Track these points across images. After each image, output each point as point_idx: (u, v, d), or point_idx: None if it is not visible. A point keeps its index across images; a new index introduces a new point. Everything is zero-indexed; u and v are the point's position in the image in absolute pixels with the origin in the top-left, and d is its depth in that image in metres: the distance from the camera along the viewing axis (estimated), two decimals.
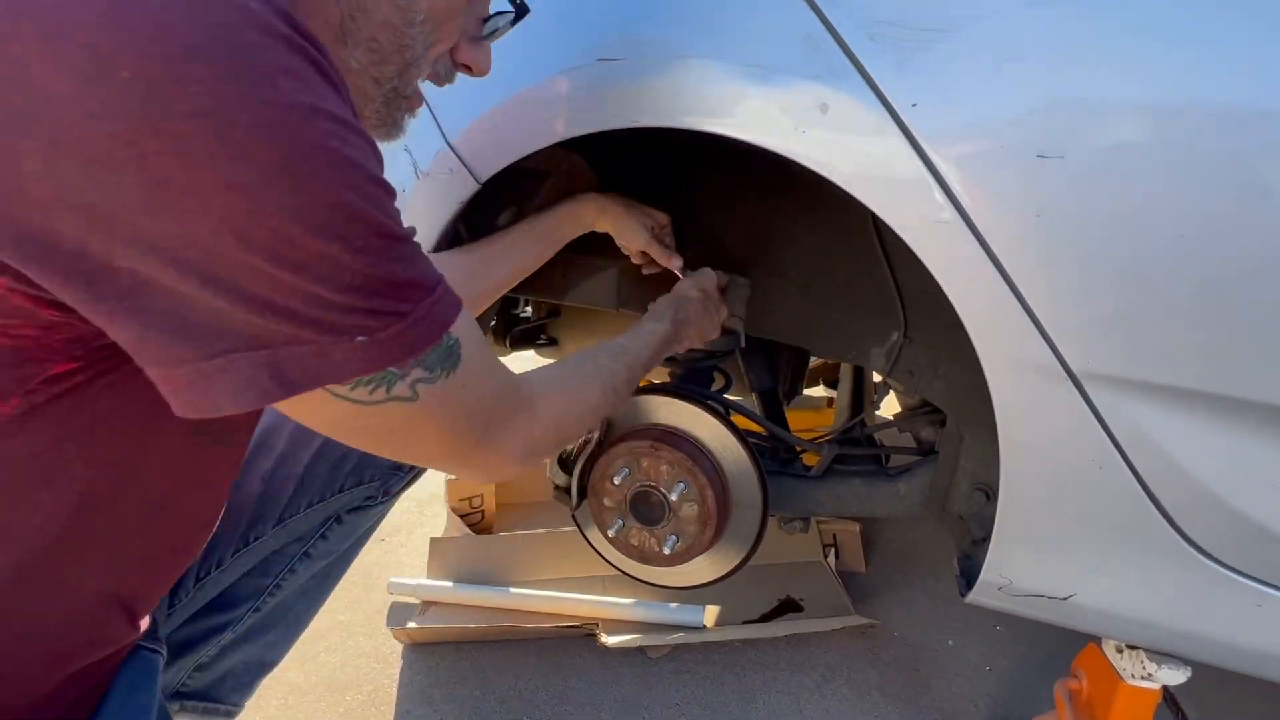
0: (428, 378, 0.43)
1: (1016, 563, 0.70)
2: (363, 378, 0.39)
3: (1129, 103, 0.54)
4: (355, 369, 0.38)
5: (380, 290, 0.37)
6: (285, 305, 0.34)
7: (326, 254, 0.34)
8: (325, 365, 0.37)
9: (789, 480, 0.98)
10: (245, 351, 0.35)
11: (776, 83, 0.60)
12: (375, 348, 0.38)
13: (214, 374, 0.35)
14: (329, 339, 0.36)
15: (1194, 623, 0.66)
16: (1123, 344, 0.58)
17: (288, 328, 0.35)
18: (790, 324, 0.97)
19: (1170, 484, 0.61)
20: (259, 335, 0.35)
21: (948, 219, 0.58)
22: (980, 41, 0.56)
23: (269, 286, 0.34)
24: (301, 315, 0.35)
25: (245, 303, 0.34)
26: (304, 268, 0.34)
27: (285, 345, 0.35)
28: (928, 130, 0.57)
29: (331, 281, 0.35)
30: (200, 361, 0.35)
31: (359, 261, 0.36)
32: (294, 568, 0.82)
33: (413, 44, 0.48)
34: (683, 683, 1.18)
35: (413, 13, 0.47)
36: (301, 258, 0.34)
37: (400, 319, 0.39)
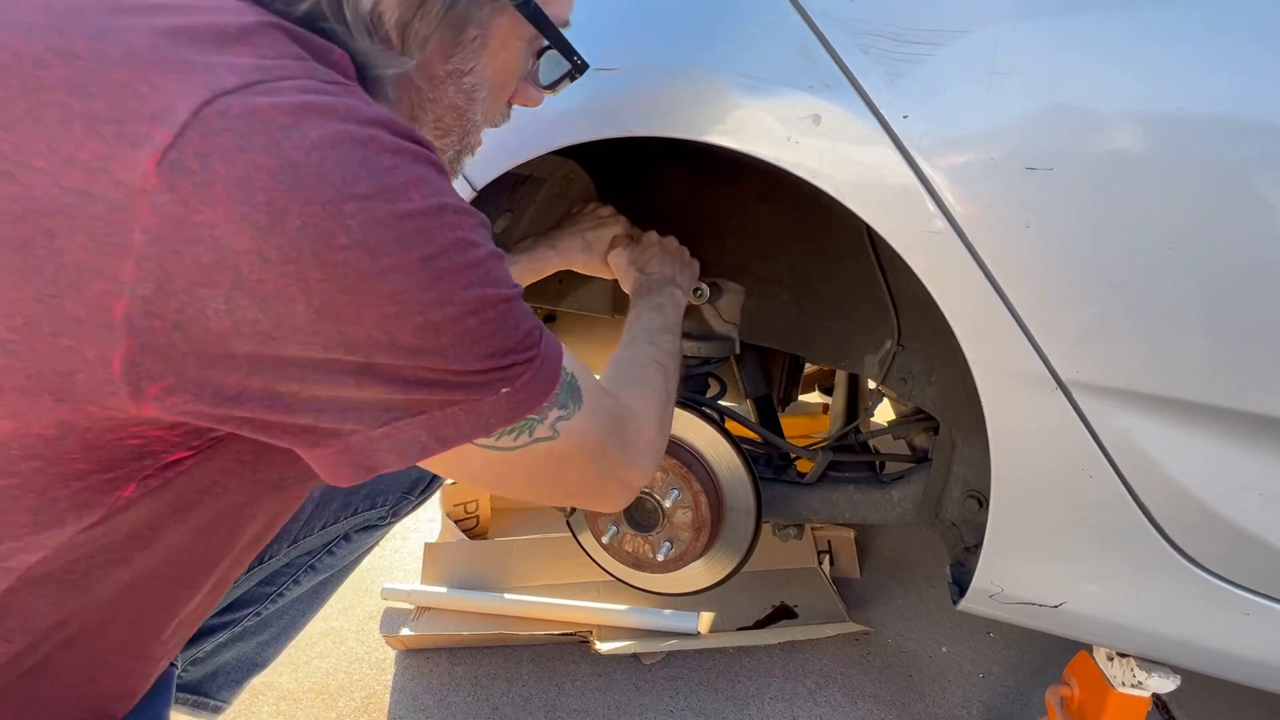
0: (564, 415, 0.47)
1: (1008, 570, 0.71)
2: (507, 429, 0.43)
3: (1117, 116, 0.54)
4: (502, 419, 0.42)
5: (511, 348, 0.42)
6: (438, 380, 0.39)
7: (466, 333, 0.39)
8: (477, 419, 0.42)
9: (783, 487, 0.98)
10: (407, 419, 0.40)
11: (769, 93, 0.61)
12: (517, 395, 0.43)
13: (380, 440, 0.40)
14: (477, 397, 0.41)
15: (1183, 630, 0.66)
16: (1111, 353, 0.58)
17: (442, 395, 0.40)
18: (784, 330, 0.98)
19: (1158, 492, 0.61)
20: (418, 404, 0.39)
21: (939, 229, 0.59)
22: (971, 55, 0.56)
23: (422, 369, 0.38)
24: (452, 384, 0.40)
25: (403, 384, 0.38)
26: (449, 349, 0.38)
27: (441, 409, 0.40)
28: (919, 142, 0.58)
29: (473, 354, 0.40)
30: (370, 430, 0.39)
31: (492, 331, 0.40)
32: (298, 579, 0.84)
33: (474, 115, 0.51)
34: (676, 689, 1.17)
35: (476, 91, 0.50)
36: (446, 342, 0.38)
37: (529, 365, 0.43)
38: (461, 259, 0.38)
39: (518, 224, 0.98)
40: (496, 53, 0.49)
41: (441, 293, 0.37)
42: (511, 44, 0.50)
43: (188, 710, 0.80)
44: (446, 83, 0.48)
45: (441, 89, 0.48)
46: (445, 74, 0.47)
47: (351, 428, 0.39)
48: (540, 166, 0.92)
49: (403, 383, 0.38)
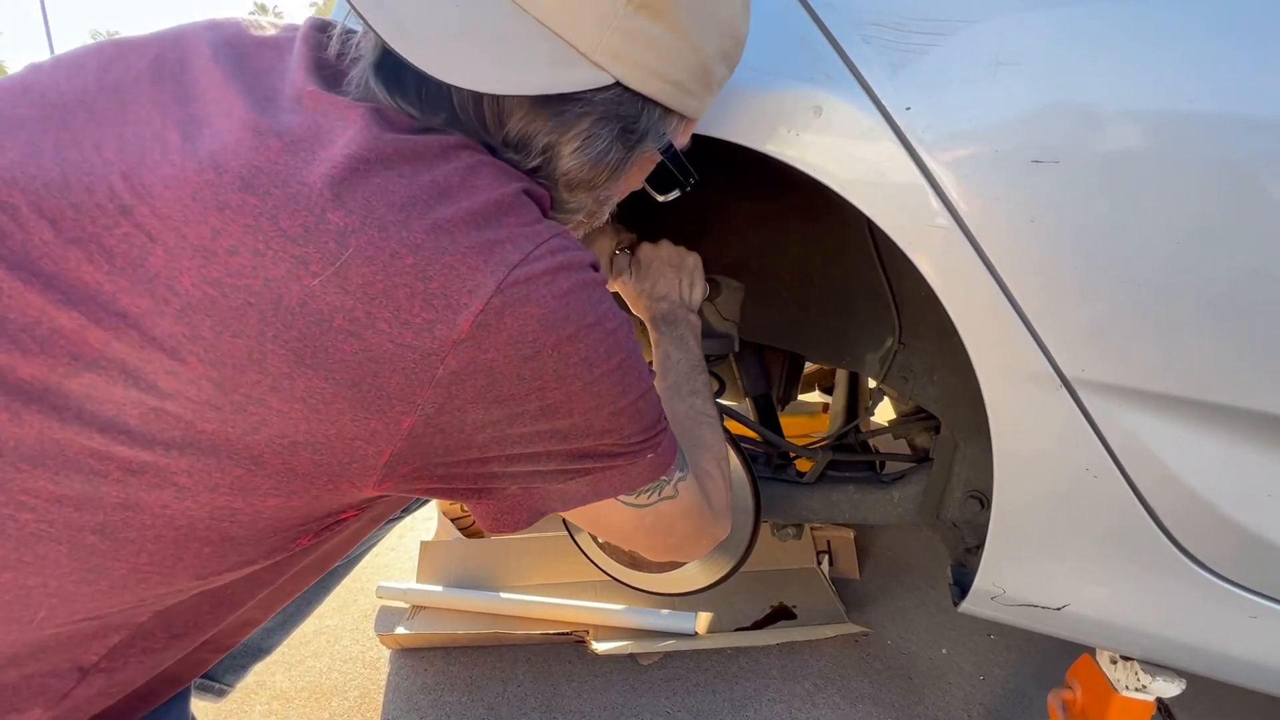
0: (682, 476, 0.58)
1: (1010, 572, 0.70)
2: (648, 488, 0.54)
3: (1124, 109, 0.53)
4: (644, 478, 0.53)
5: (655, 421, 0.53)
6: (608, 452, 0.50)
7: (637, 413, 0.50)
8: (626, 478, 0.53)
9: (782, 486, 0.97)
10: (578, 479, 0.51)
11: (770, 85, 0.60)
12: (658, 459, 0.54)
13: (554, 493, 0.52)
14: (631, 462, 0.52)
15: (1188, 634, 0.65)
16: (1117, 351, 0.57)
17: (608, 462, 0.51)
18: (784, 328, 0.97)
19: (1165, 493, 0.60)
20: (589, 469, 0.51)
21: (942, 224, 0.58)
22: (976, 46, 0.55)
23: (603, 445, 0.49)
24: (618, 454, 0.51)
25: (584, 457, 0.49)
26: (625, 427, 0.50)
27: (604, 471, 0.51)
28: (922, 134, 0.56)
29: (637, 428, 0.51)
30: (548, 486, 0.51)
31: (646, 408, 0.51)
32: None
33: (600, 213, 0.59)
34: (673, 690, 1.16)
35: (607, 206, 0.59)
36: (624, 422, 0.49)
37: (665, 433, 0.54)
38: (633, 360, 0.49)
39: None
40: (633, 175, 0.58)
41: (626, 387, 0.48)
42: (645, 167, 0.59)
43: (193, 692, 0.80)
44: (586, 198, 0.55)
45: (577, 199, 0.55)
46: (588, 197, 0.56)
47: (537, 486, 0.51)
48: None
49: (585, 456, 0.49)
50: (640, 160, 0.55)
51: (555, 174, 0.51)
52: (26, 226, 0.40)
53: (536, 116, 0.48)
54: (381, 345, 0.40)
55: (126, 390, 0.39)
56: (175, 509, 0.42)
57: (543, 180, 0.51)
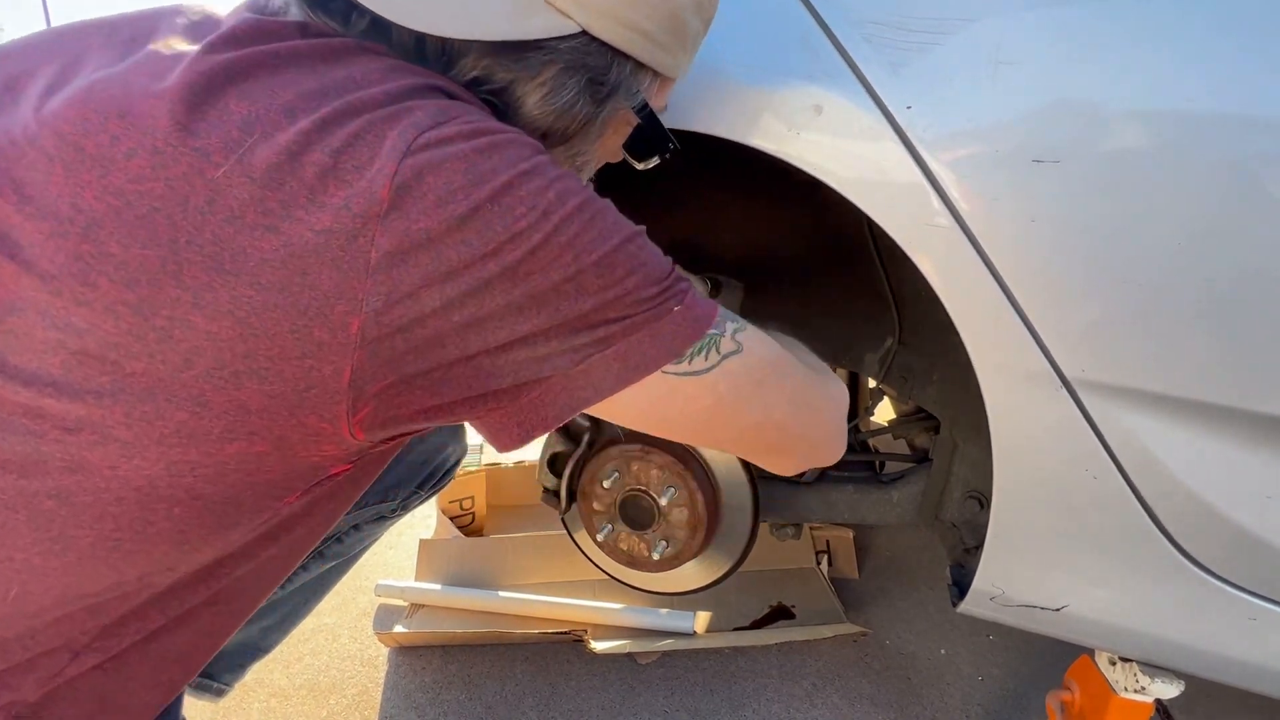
0: (738, 325, 0.50)
1: (1009, 572, 0.70)
2: (695, 347, 0.46)
3: (1125, 109, 0.53)
4: (684, 336, 0.45)
5: (667, 271, 0.46)
6: (619, 314, 0.43)
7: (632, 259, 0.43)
8: (661, 342, 0.45)
9: (781, 486, 0.97)
10: (598, 354, 0.43)
11: (770, 83, 0.60)
12: (688, 311, 0.46)
13: (578, 377, 0.44)
14: (656, 320, 0.44)
15: (1188, 636, 0.65)
16: (1118, 351, 0.57)
17: (624, 325, 0.43)
18: (783, 327, 0.96)
19: (1165, 494, 0.60)
20: (605, 339, 0.43)
21: (943, 223, 0.58)
22: (977, 45, 0.55)
23: (606, 305, 0.43)
24: (632, 314, 0.44)
25: (590, 326, 0.43)
26: (617, 280, 0.43)
27: (625, 338, 0.44)
28: (923, 133, 0.56)
29: (644, 278, 0.44)
30: (568, 369, 0.43)
31: (649, 255, 0.45)
32: (306, 564, 0.84)
33: None
34: (671, 690, 1.16)
35: (584, 170, 0.56)
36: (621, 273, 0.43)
37: (686, 282, 0.47)
38: (598, 204, 0.43)
39: None
40: (609, 139, 0.55)
41: (601, 229, 0.42)
42: (622, 130, 0.55)
43: (190, 692, 0.81)
44: (559, 156, 0.52)
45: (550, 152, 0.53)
46: (560, 155, 0.53)
47: (550, 374, 0.43)
48: None
49: (590, 325, 0.42)
50: (615, 121, 0.53)
51: (520, 118, 0.47)
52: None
53: (494, 62, 0.45)
54: (302, 236, 0.36)
55: (46, 331, 0.36)
56: (126, 468, 0.38)
57: None
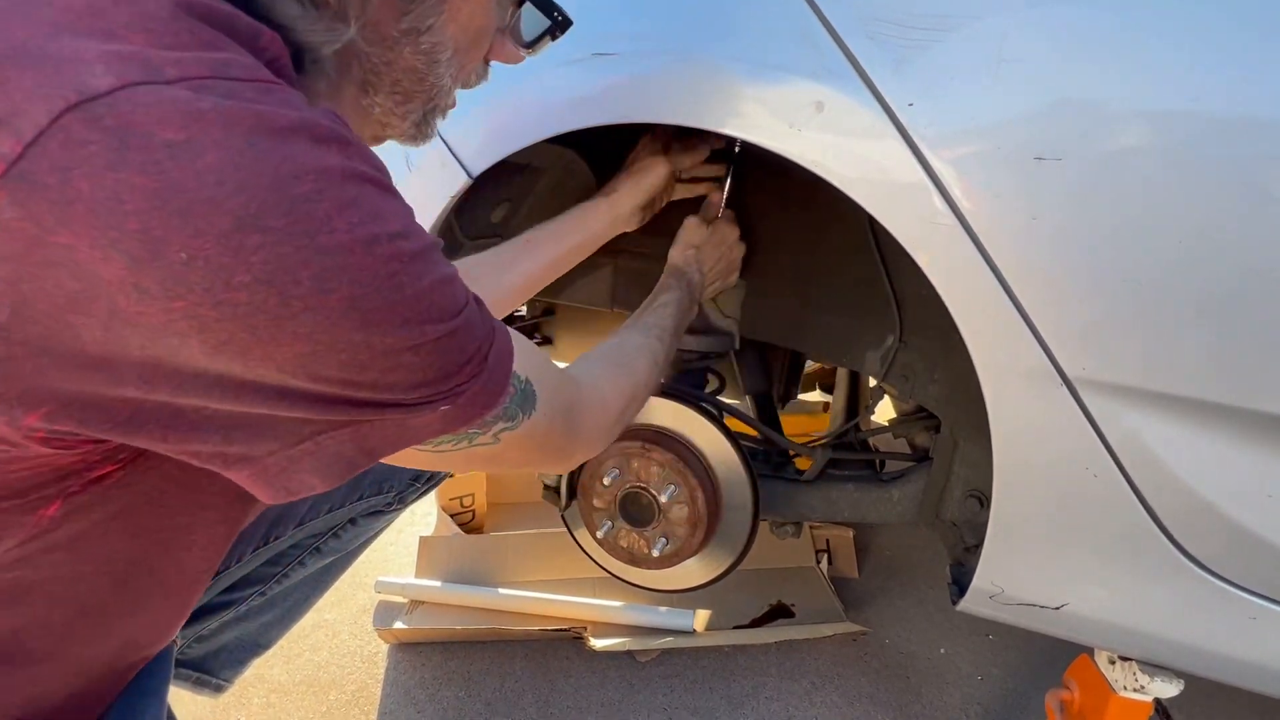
0: (509, 426, 0.44)
1: (1009, 571, 0.70)
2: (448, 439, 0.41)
3: (1129, 107, 0.53)
4: (435, 433, 0.40)
5: (450, 374, 0.38)
6: (367, 401, 0.35)
7: (399, 366, 0.35)
8: (407, 433, 0.38)
9: (781, 484, 0.97)
10: (329, 433, 0.36)
11: (772, 80, 0.60)
12: (455, 413, 0.39)
13: (302, 457, 0.36)
14: (410, 415, 0.37)
15: (1187, 635, 0.65)
16: (1118, 350, 0.57)
17: (370, 415, 0.36)
18: (785, 326, 0.96)
19: (1165, 493, 0.60)
20: (342, 422, 0.36)
21: (944, 221, 0.58)
22: (979, 42, 0.55)
23: (348, 395, 0.34)
24: (382, 403, 0.36)
25: (325, 406, 0.34)
26: (380, 381, 0.34)
27: (366, 423, 0.36)
28: (925, 131, 0.56)
29: (406, 384, 0.36)
30: (289, 449, 0.35)
31: (428, 363, 0.36)
32: (304, 560, 0.84)
33: (439, 80, 0.47)
34: (671, 687, 1.16)
35: (438, 52, 0.46)
36: (374, 376, 0.34)
37: (471, 384, 0.39)
38: (396, 295, 0.33)
39: (515, 214, 0.97)
40: (459, 7, 0.45)
41: (370, 335, 0.33)
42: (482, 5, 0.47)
43: (190, 687, 0.81)
44: (402, 44, 0.43)
45: (396, 51, 0.44)
46: (399, 34, 0.43)
47: (268, 448, 0.35)
48: (539, 156, 0.90)
49: (326, 404, 0.34)
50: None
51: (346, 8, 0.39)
52: None
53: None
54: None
55: None
56: None
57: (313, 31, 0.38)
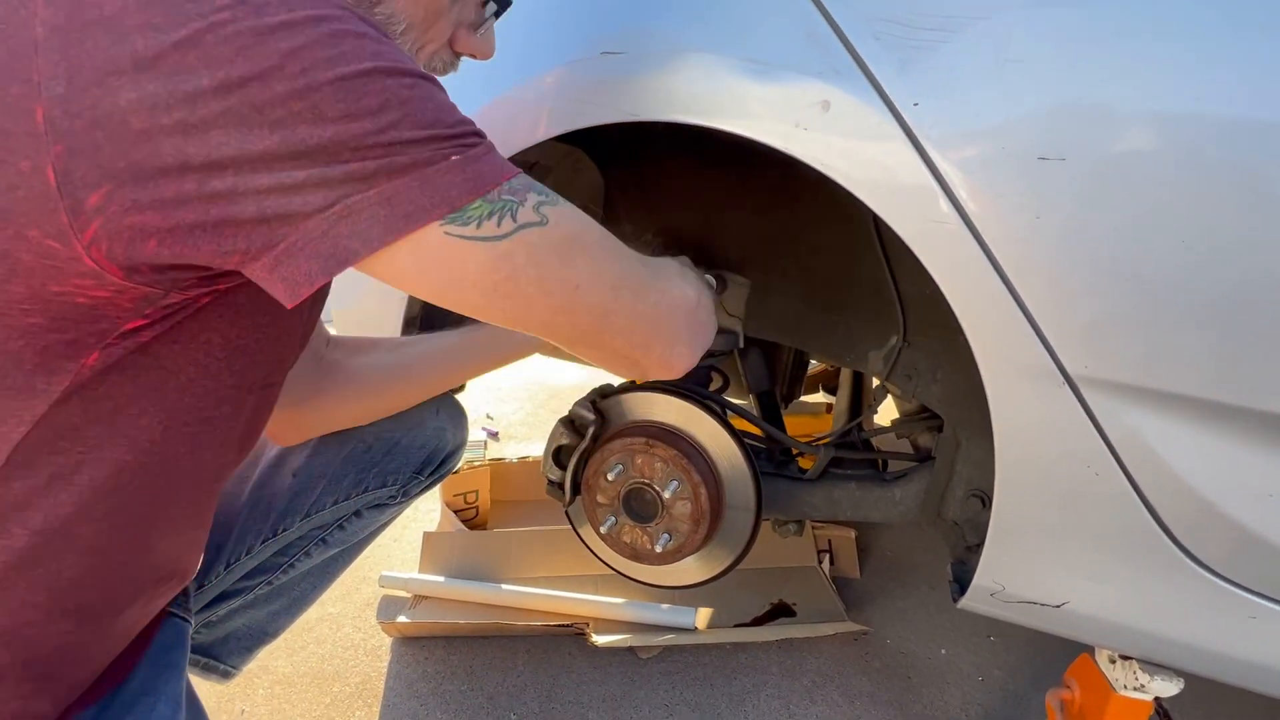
0: (547, 199, 0.45)
1: (1010, 569, 0.70)
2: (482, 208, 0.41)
3: (1132, 107, 0.53)
4: (462, 189, 0.40)
5: (453, 122, 0.41)
6: (377, 146, 0.38)
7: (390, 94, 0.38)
8: (434, 190, 0.40)
9: (784, 482, 0.97)
10: (358, 194, 0.38)
11: (778, 79, 0.60)
12: (472, 164, 0.41)
13: (338, 222, 0.38)
14: (426, 167, 0.39)
15: (1188, 634, 0.65)
16: (1121, 349, 0.57)
17: (386, 162, 0.38)
18: (788, 325, 0.97)
19: (1166, 492, 0.60)
20: (363, 177, 0.38)
21: (948, 220, 0.58)
22: (984, 42, 0.56)
23: (356, 137, 0.37)
24: (395, 151, 0.38)
25: (341, 158, 0.37)
26: (379, 111, 0.37)
27: (390, 180, 0.39)
28: (930, 131, 0.57)
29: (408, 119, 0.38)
30: (323, 212, 0.38)
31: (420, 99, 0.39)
32: (309, 551, 0.86)
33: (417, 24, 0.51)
34: (672, 684, 1.17)
35: (392, 25, 0.49)
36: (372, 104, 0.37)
37: (481, 139, 0.42)
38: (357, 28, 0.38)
39: None
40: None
41: (345, 49, 0.36)
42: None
43: (198, 673, 0.83)
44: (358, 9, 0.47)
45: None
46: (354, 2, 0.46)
47: (301, 211, 0.38)
48: (547, 154, 0.91)
49: (341, 156, 0.37)
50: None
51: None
52: None
53: None
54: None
55: None
56: None
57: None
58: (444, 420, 0.93)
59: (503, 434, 2.13)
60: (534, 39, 0.72)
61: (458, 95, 0.74)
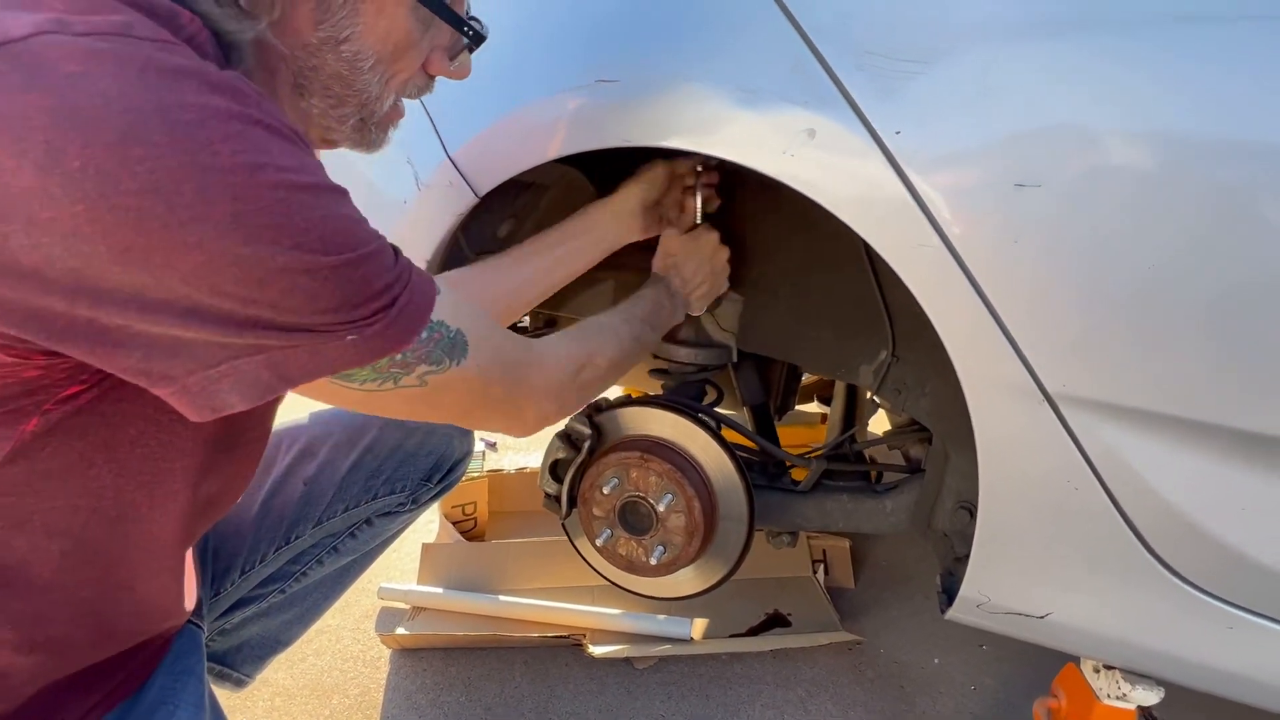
0: (434, 370, 0.48)
1: (995, 580, 0.72)
2: (368, 375, 0.44)
3: (1104, 136, 0.56)
4: (350, 362, 0.43)
5: (354, 304, 0.41)
6: (272, 323, 0.39)
7: (296, 288, 0.38)
8: (321, 361, 0.42)
9: (777, 494, 0.99)
10: (245, 358, 0.40)
11: (767, 107, 0.63)
12: (366, 343, 0.43)
13: (220, 379, 0.40)
14: (319, 341, 0.41)
15: (1167, 644, 0.67)
16: (1097, 367, 0.59)
17: (279, 339, 0.40)
18: (781, 340, 0.99)
19: (1143, 506, 0.62)
20: (254, 345, 0.39)
21: (930, 243, 0.60)
22: (962, 73, 0.58)
23: (253, 314, 0.38)
24: (290, 328, 0.39)
25: (235, 326, 0.38)
26: (279, 302, 0.38)
27: (280, 350, 0.40)
28: (911, 157, 0.59)
29: (308, 309, 0.39)
30: (207, 370, 0.39)
31: (329, 289, 0.39)
32: (321, 559, 0.88)
33: (367, 86, 0.51)
34: (668, 694, 1.18)
35: (360, 61, 0.49)
36: (274, 295, 0.38)
37: (386, 312, 0.43)
38: (282, 218, 0.37)
39: (521, 229, 0.99)
40: (374, 20, 0.48)
41: (258, 251, 0.36)
42: (390, 10, 0.49)
43: (212, 680, 0.84)
44: (324, 50, 0.48)
45: (320, 57, 0.48)
46: (319, 41, 0.47)
47: (186, 368, 0.38)
48: (544, 174, 0.93)
49: (235, 325, 0.38)
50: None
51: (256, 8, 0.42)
52: None
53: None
54: None
55: None
56: None
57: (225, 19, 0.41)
58: (450, 428, 0.95)
59: (501, 444, 2.14)
60: (534, 66, 0.74)
61: (456, 120, 0.77)
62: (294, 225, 0.37)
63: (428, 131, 0.79)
